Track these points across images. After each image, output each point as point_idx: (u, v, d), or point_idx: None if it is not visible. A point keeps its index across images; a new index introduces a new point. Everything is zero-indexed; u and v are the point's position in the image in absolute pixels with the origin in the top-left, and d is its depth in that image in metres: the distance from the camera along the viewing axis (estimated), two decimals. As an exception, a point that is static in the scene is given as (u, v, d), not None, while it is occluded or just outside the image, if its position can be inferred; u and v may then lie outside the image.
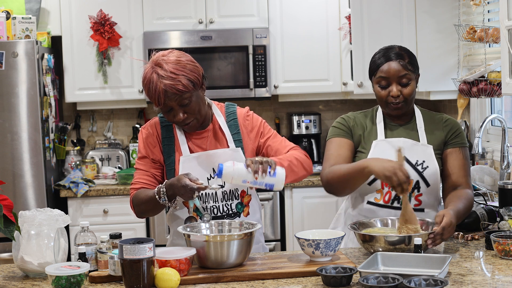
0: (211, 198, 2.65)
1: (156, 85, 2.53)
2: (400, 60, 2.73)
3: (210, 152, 2.66)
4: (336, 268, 2.23)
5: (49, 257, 2.42)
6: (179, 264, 2.28)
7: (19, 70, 4.37)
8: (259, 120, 2.77)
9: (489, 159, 3.98)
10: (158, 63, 2.56)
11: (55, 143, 4.76)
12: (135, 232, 4.63)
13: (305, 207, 4.68)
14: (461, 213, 2.61)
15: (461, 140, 2.81)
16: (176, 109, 2.58)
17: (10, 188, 4.32)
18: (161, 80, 2.52)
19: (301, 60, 4.96)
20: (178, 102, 2.56)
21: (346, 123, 2.84)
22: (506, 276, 2.28)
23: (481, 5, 3.61)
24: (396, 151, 2.60)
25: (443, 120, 2.84)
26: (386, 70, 2.74)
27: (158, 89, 2.53)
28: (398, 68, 2.73)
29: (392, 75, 2.73)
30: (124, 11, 4.86)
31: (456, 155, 2.78)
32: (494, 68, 3.51)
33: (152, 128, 2.72)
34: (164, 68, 2.53)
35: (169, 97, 2.53)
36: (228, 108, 2.76)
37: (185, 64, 2.57)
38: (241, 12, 4.90)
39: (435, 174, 2.74)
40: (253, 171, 2.44)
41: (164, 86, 2.52)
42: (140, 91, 4.86)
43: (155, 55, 2.61)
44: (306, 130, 5.15)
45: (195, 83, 2.57)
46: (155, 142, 2.70)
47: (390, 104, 2.75)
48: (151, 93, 2.55)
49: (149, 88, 2.56)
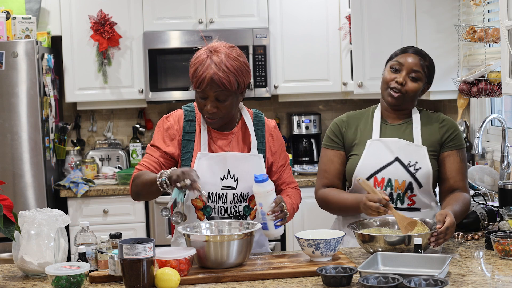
0: (221, 198, 2.64)
1: (206, 69, 2.51)
2: (422, 58, 2.79)
3: (228, 154, 2.64)
4: (336, 268, 2.23)
5: (49, 257, 2.42)
6: (179, 264, 2.28)
7: (19, 70, 4.37)
8: (281, 140, 2.79)
9: (489, 159, 3.97)
10: (217, 50, 2.55)
11: (55, 143, 4.76)
12: (135, 232, 4.63)
13: (305, 207, 4.66)
14: (458, 215, 2.63)
15: (458, 142, 2.80)
16: (210, 99, 2.56)
17: (10, 188, 4.32)
18: (212, 68, 2.51)
19: (301, 60, 4.96)
20: (216, 95, 2.54)
21: (338, 129, 2.87)
22: (506, 276, 2.28)
23: (481, 5, 3.61)
24: (356, 181, 2.68)
25: (440, 120, 2.83)
26: (405, 58, 2.78)
27: (205, 74, 2.51)
28: (416, 62, 2.77)
29: (407, 65, 2.77)
30: (124, 11, 4.86)
31: (454, 158, 2.78)
32: (494, 68, 3.51)
33: (175, 120, 2.69)
34: (221, 58, 2.52)
35: (211, 86, 2.52)
36: (256, 116, 2.75)
37: (241, 64, 2.56)
38: (241, 12, 4.90)
39: (428, 175, 2.75)
40: (272, 210, 2.50)
41: (213, 74, 2.50)
42: (140, 91, 4.86)
43: (216, 41, 2.61)
44: (306, 130, 5.15)
45: (240, 86, 2.57)
46: (174, 135, 2.67)
47: (390, 90, 2.78)
48: (197, 74, 2.53)
49: (196, 69, 2.54)
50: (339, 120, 2.90)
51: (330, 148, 2.86)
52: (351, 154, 2.82)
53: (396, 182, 2.73)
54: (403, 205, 2.75)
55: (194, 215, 2.65)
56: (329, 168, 2.84)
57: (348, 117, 2.89)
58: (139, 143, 5.10)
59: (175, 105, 4.97)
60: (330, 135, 2.88)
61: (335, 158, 2.84)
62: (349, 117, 2.89)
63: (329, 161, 2.85)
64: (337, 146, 2.85)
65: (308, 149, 5.15)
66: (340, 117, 2.91)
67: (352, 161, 2.80)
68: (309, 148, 5.16)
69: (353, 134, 2.84)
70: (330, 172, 2.84)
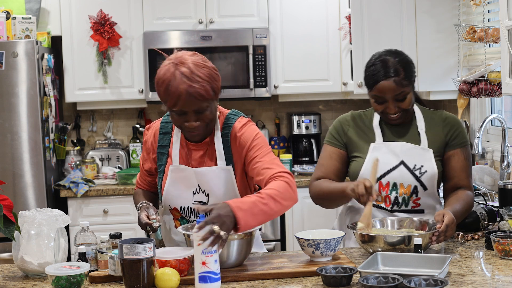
0: (193, 213, 2.59)
1: (178, 85, 2.35)
2: (395, 77, 2.67)
3: (197, 170, 2.53)
4: (336, 268, 2.23)
5: (49, 257, 2.42)
6: (179, 264, 2.27)
7: (19, 70, 4.37)
8: (251, 136, 2.53)
9: (489, 159, 3.97)
10: (183, 62, 2.38)
11: (55, 143, 4.76)
12: (135, 232, 4.63)
13: (305, 207, 4.67)
14: (459, 214, 2.62)
15: (462, 140, 2.78)
16: (190, 115, 2.42)
17: (10, 188, 4.32)
18: (185, 81, 2.35)
19: (301, 60, 4.96)
20: (196, 108, 2.40)
21: (341, 128, 2.85)
22: (506, 276, 2.28)
23: (481, 5, 3.61)
24: (373, 160, 2.64)
25: (443, 118, 2.81)
26: (381, 90, 2.69)
27: (179, 90, 2.35)
28: (393, 87, 2.67)
29: (387, 94, 2.69)
30: (124, 11, 4.86)
31: (458, 157, 2.77)
32: (494, 68, 3.51)
33: (151, 134, 2.65)
34: (191, 69, 2.36)
35: (188, 100, 2.36)
36: (227, 119, 2.57)
37: (211, 70, 2.41)
38: (241, 12, 4.90)
39: (433, 178, 2.73)
40: (201, 238, 2.15)
41: (188, 87, 2.34)
42: (140, 91, 4.86)
43: (177, 53, 2.44)
44: (306, 130, 5.15)
45: (216, 92, 2.43)
46: (149, 149, 2.66)
47: (388, 116, 2.75)
48: (169, 92, 2.36)
49: (167, 86, 2.36)
50: (343, 119, 2.88)
51: (331, 145, 2.85)
52: (354, 156, 2.81)
53: (401, 186, 2.73)
54: (407, 207, 2.74)
55: (173, 223, 2.66)
56: (327, 163, 2.83)
57: (352, 117, 2.87)
58: (139, 143, 5.10)
59: (175, 105, 4.96)
60: (333, 132, 2.87)
61: (334, 155, 2.83)
62: (353, 117, 2.87)
63: (328, 156, 2.84)
64: (338, 145, 2.84)
65: (308, 149, 5.15)
66: (344, 116, 2.89)
67: (356, 164, 2.78)
68: (309, 148, 5.15)
69: (356, 135, 2.82)
70: (327, 167, 2.82)
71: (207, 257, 2.14)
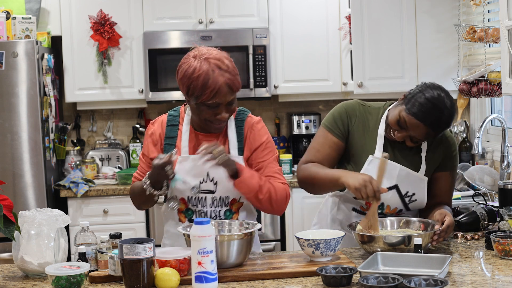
0: (200, 202, 2.61)
1: (217, 78, 2.44)
2: (436, 133, 2.60)
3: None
4: (336, 268, 2.23)
5: (49, 257, 2.42)
6: (179, 264, 2.27)
7: (19, 70, 4.37)
8: (264, 137, 2.64)
9: (489, 159, 3.98)
10: (213, 56, 2.48)
11: (55, 143, 4.76)
12: (135, 232, 4.63)
13: (305, 207, 4.67)
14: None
15: (454, 163, 2.77)
16: (221, 107, 2.50)
17: (10, 188, 4.32)
18: (223, 74, 2.45)
19: (301, 60, 4.96)
20: (230, 100, 2.50)
21: (346, 117, 2.74)
22: (506, 276, 2.28)
23: (481, 5, 3.61)
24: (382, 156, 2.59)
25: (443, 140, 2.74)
26: (414, 128, 2.58)
27: (219, 82, 2.44)
28: (424, 134, 2.59)
29: (414, 134, 2.60)
30: (124, 11, 4.86)
31: (447, 179, 2.77)
32: (494, 68, 3.51)
33: (158, 126, 2.68)
34: (224, 63, 2.47)
35: (226, 92, 2.46)
36: (239, 114, 2.66)
37: (233, 62, 2.54)
38: (241, 12, 4.90)
39: (421, 205, 2.74)
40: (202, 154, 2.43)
41: (226, 80, 2.45)
42: (140, 91, 4.86)
43: (200, 49, 2.52)
44: (306, 130, 5.15)
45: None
46: (157, 140, 2.67)
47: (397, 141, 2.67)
48: (207, 85, 2.43)
49: (205, 80, 2.43)
50: (350, 107, 2.77)
51: (330, 132, 2.75)
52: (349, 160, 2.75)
53: (388, 207, 2.73)
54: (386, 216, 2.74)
55: (176, 217, 2.66)
56: (323, 150, 2.74)
57: (359, 107, 2.76)
58: (139, 143, 5.10)
59: (175, 105, 4.93)
60: (336, 118, 2.75)
61: (333, 144, 2.74)
62: (360, 109, 2.76)
63: (325, 143, 2.74)
64: (339, 134, 2.74)
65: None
66: (351, 105, 2.78)
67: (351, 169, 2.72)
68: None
69: (359, 132, 2.74)
70: (322, 153, 2.74)
71: (203, 257, 2.15)
